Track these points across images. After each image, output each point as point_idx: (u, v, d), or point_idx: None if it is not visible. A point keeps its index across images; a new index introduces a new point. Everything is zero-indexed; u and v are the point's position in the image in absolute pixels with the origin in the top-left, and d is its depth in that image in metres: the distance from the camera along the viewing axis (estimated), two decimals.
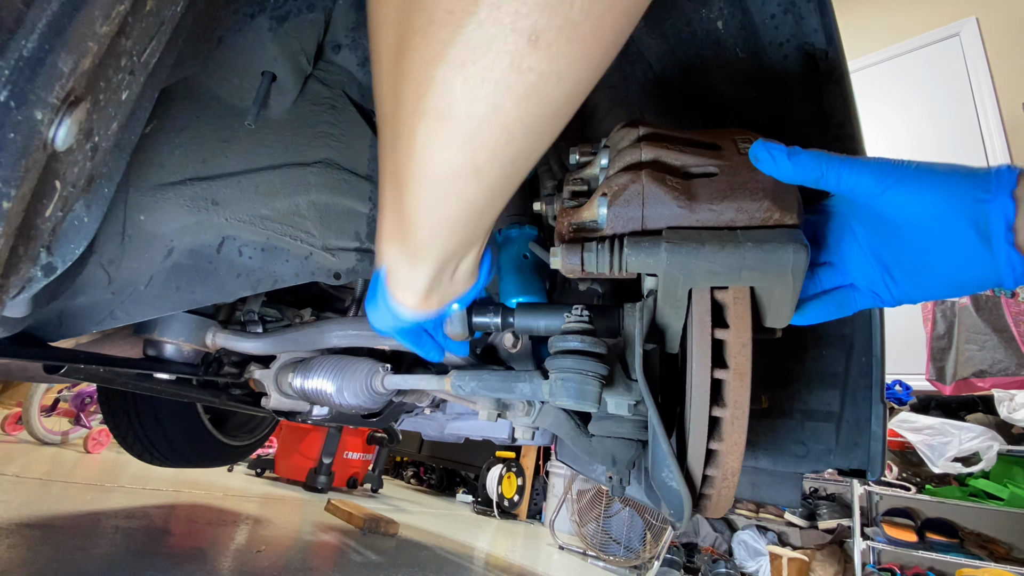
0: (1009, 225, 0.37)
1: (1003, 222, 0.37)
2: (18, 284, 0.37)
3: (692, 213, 0.46)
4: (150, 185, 0.73)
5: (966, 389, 2.57)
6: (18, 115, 0.28)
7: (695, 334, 0.46)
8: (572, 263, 0.49)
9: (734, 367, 0.45)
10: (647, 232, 0.47)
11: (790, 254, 0.42)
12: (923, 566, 2.80)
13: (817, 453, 0.87)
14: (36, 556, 1.22)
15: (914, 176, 0.41)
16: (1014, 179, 0.37)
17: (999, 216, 0.37)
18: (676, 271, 0.45)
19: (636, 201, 0.47)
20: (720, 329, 0.45)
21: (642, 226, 0.48)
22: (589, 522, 3.33)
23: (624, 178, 0.49)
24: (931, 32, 3.74)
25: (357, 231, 0.87)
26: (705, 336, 0.45)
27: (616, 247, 0.47)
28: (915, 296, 0.46)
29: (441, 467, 5.78)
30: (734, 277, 0.44)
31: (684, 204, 0.46)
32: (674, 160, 0.49)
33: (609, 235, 0.49)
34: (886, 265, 0.46)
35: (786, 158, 0.43)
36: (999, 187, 0.37)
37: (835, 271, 0.51)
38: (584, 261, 0.49)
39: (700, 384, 0.45)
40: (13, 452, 2.77)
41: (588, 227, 0.51)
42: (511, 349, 0.81)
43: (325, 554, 1.86)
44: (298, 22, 0.78)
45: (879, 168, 0.42)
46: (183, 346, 0.92)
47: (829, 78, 0.75)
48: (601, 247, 0.48)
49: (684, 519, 0.49)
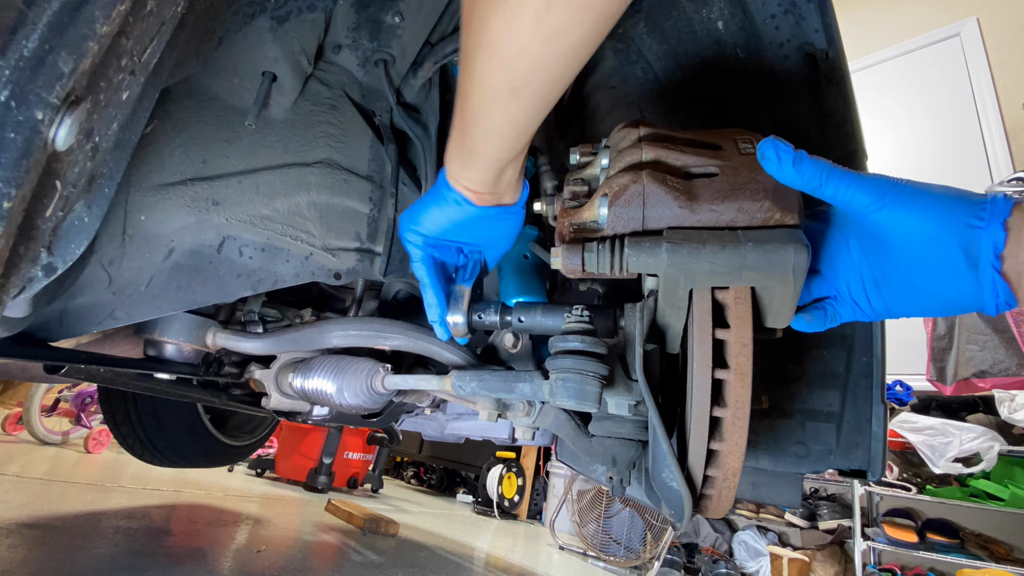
0: (997, 253, 0.38)
1: (991, 250, 0.38)
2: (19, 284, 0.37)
3: (693, 213, 0.46)
4: (151, 185, 0.73)
5: (967, 389, 2.57)
6: (19, 115, 0.28)
7: (696, 334, 0.45)
8: (573, 263, 0.49)
9: (735, 367, 0.45)
10: (648, 232, 0.47)
11: (791, 254, 0.42)
12: (924, 567, 2.80)
13: (818, 453, 0.87)
14: (37, 556, 1.22)
15: (910, 197, 0.41)
16: (1008, 209, 0.38)
17: (988, 243, 0.38)
18: (677, 271, 0.45)
19: (637, 201, 0.47)
20: (721, 329, 0.45)
21: (643, 226, 0.47)
22: (589, 522, 3.32)
23: (625, 178, 0.49)
24: (932, 32, 3.74)
25: (357, 231, 0.87)
26: (706, 336, 0.45)
27: (617, 247, 0.47)
28: (896, 312, 0.47)
29: (441, 467, 5.78)
30: (735, 277, 0.44)
31: (685, 204, 0.46)
32: (675, 160, 0.49)
33: (610, 235, 0.49)
34: (873, 279, 0.47)
35: (791, 162, 0.43)
36: (992, 215, 0.38)
37: (822, 280, 0.51)
38: (585, 261, 0.49)
39: (701, 384, 0.45)
40: (14, 452, 2.77)
41: (589, 227, 0.51)
42: (511, 349, 0.81)
43: (325, 554, 1.86)
44: (299, 22, 0.78)
45: (877, 185, 0.42)
46: (183, 346, 0.92)
47: (830, 78, 0.75)
48: (602, 247, 0.48)
49: (684, 519, 0.49)
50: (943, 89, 3.60)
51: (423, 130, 0.94)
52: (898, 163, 3.64)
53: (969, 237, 0.39)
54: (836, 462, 0.85)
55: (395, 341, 0.84)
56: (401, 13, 0.85)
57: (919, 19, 3.83)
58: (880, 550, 2.93)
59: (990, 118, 3.32)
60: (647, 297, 0.52)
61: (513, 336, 0.81)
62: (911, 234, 0.41)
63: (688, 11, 0.81)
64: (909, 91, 3.77)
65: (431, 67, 0.91)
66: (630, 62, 0.91)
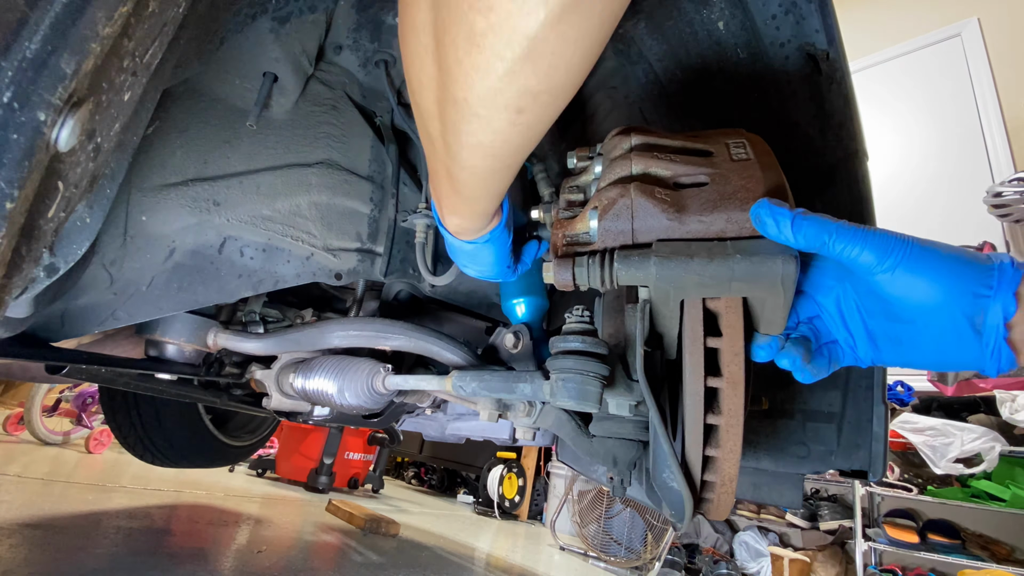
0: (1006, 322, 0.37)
1: (1001, 319, 0.37)
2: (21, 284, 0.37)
3: (682, 225, 0.46)
4: (152, 186, 0.73)
5: (968, 390, 2.57)
6: (21, 116, 0.28)
7: (687, 343, 0.46)
8: (564, 278, 0.50)
9: (728, 376, 0.45)
10: (637, 245, 0.47)
11: (779, 265, 0.42)
12: (925, 567, 2.79)
13: (818, 454, 0.87)
14: (38, 556, 1.22)
15: (918, 260, 0.40)
16: (1018, 278, 0.37)
17: (998, 313, 0.37)
18: (666, 284, 0.45)
19: (625, 215, 0.47)
20: (713, 338, 0.45)
21: (632, 239, 0.48)
22: (590, 523, 3.32)
23: (614, 191, 0.49)
24: (933, 32, 3.74)
25: (358, 232, 0.87)
26: (697, 346, 0.45)
27: (607, 261, 0.47)
28: (892, 363, 0.47)
29: (442, 468, 5.77)
30: (724, 288, 0.44)
31: (673, 217, 0.46)
32: (663, 171, 0.49)
33: (600, 249, 0.49)
34: (871, 332, 0.46)
35: (789, 226, 0.41)
36: (1001, 284, 0.38)
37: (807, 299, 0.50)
38: (576, 276, 0.49)
39: (694, 393, 0.45)
40: (15, 452, 2.77)
41: (581, 240, 0.51)
42: (512, 349, 0.81)
43: (326, 554, 1.86)
44: (300, 23, 0.78)
45: (883, 243, 0.41)
46: (184, 346, 0.92)
47: (830, 79, 0.75)
48: (592, 261, 0.48)
49: (685, 520, 0.49)
50: (944, 89, 3.59)
51: None
52: (899, 163, 3.64)
53: (977, 307, 0.38)
54: (837, 463, 0.85)
55: (396, 341, 0.84)
56: None
57: (920, 19, 3.82)
58: (881, 551, 2.92)
59: (991, 118, 3.31)
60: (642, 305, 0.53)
61: (514, 336, 0.81)
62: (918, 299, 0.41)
63: (689, 12, 0.81)
64: (910, 91, 3.77)
65: None
66: (631, 63, 0.91)
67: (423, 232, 0.88)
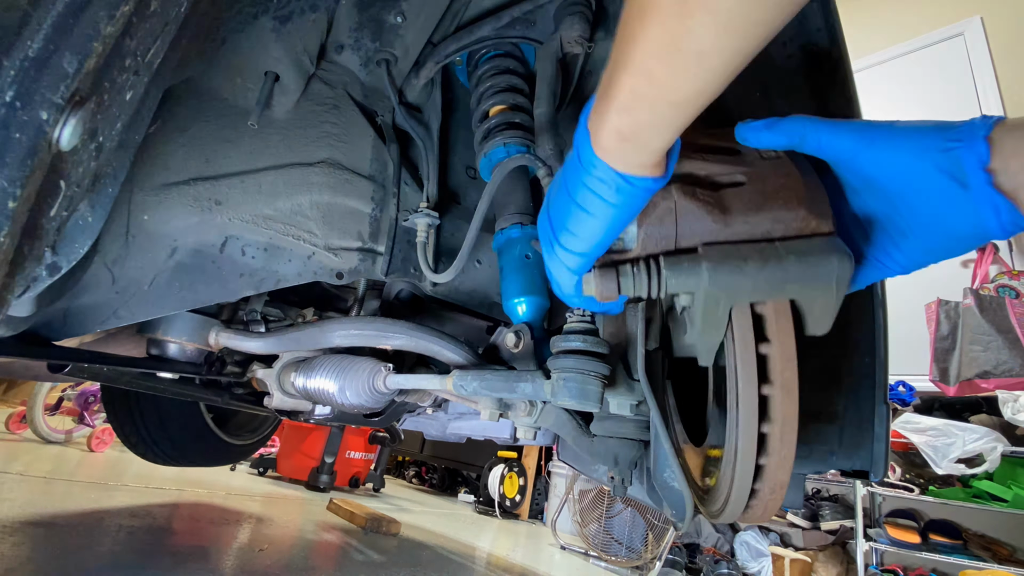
0: (984, 167, 0.36)
1: (978, 165, 0.36)
2: (23, 283, 0.37)
3: (727, 227, 0.44)
4: (154, 185, 0.73)
5: (970, 390, 2.56)
6: (24, 115, 0.28)
7: (738, 351, 0.43)
8: (608, 289, 0.47)
9: (780, 382, 0.43)
10: (680, 251, 0.45)
11: (835, 264, 0.41)
12: (926, 568, 2.79)
13: (820, 454, 0.86)
14: (40, 554, 1.22)
15: (886, 134, 0.41)
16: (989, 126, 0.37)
17: (973, 160, 0.36)
18: (719, 290, 0.42)
19: (669, 219, 0.45)
20: (762, 344, 0.43)
21: (676, 244, 0.45)
22: (591, 522, 3.32)
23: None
24: (935, 31, 3.73)
25: (360, 231, 0.87)
26: (749, 353, 0.43)
27: (654, 269, 0.45)
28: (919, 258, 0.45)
29: (443, 467, 5.78)
30: (777, 291, 0.42)
31: (719, 218, 0.44)
32: (700, 170, 0.47)
33: (642, 256, 0.47)
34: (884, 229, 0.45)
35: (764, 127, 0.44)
36: (971, 134, 0.37)
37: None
38: (620, 286, 0.46)
39: (747, 401, 0.43)
40: (17, 451, 2.78)
41: (615, 248, 0.48)
42: (513, 349, 0.81)
43: (327, 553, 1.86)
44: (301, 22, 0.78)
45: (856, 130, 0.42)
46: (186, 345, 0.92)
47: (832, 78, 0.75)
48: (637, 270, 0.46)
49: (686, 520, 0.48)
50: (946, 88, 3.58)
51: (425, 130, 0.95)
52: None
53: (949, 159, 0.38)
54: (838, 462, 0.84)
55: (397, 341, 0.84)
56: (403, 13, 0.85)
57: (922, 18, 3.81)
58: (882, 551, 2.92)
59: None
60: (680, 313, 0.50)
61: (515, 336, 0.81)
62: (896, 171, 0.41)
63: None
64: (912, 91, 3.75)
65: (433, 67, 0.91)
66: None
67: (424, 231, 0.88)
